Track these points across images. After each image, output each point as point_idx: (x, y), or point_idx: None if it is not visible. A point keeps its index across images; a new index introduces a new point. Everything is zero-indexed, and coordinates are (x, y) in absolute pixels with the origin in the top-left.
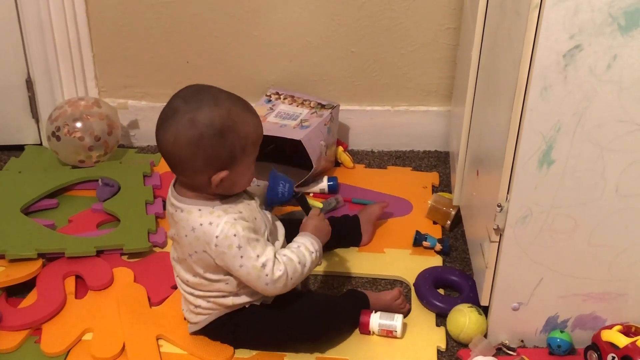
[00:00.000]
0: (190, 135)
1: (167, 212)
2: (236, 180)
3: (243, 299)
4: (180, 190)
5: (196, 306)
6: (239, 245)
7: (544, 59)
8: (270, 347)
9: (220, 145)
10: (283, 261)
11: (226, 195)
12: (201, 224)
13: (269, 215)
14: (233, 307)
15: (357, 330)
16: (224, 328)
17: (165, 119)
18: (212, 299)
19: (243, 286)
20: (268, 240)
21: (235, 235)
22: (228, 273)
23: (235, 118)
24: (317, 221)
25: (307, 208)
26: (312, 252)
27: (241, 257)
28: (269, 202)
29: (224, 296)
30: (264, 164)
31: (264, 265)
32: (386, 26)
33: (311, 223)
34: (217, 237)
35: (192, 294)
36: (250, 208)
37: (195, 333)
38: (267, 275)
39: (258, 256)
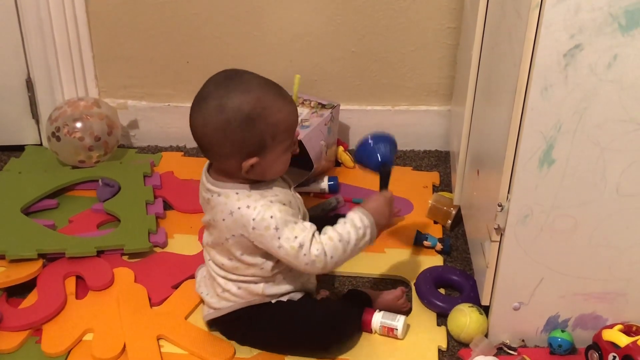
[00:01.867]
0: (218, 120)
1: (202, 197)
2: (267, 168)
3: (273, 289)
4: (216, 176)
5: (224, 290)
6: (276, 226)
7: (544, 59)
8: (276, 349)
9: (248, 132)
10: (321, 241)
11: (260, 181)
12: (239, 208)
13: (302, 200)
14: (262, 298)
15: None
16: (238, 322)
17: (197, 103)
18: (244, 285)
19: (276, 272)
20: None
21: (272, 217)
22: (265, 256)
23: (265, 105)
24: (380, 202)
25: (384, 185)
26: (360, 228)
27: (279, 238)
28: (357, 158)
29: (256, 282)
30: None
31: (301, 246)
32: (386, 26)
33: (374, 201)
34: (254, 219)
35: (225, 278)
36: (285, 192)
37: (210, 322)
38: (304, 255)
39: (296, 237)
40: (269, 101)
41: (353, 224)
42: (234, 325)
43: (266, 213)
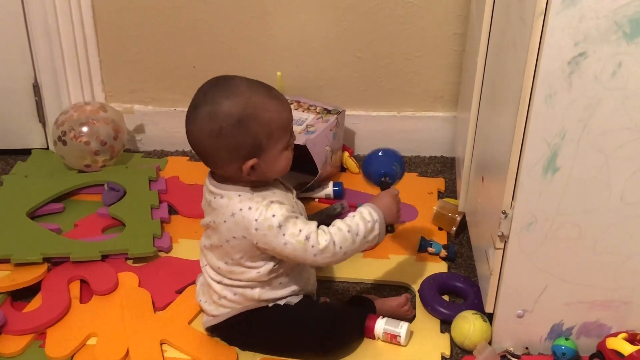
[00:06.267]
0: (210, 128)
1: (204, 199)
2: (269, 167)
3: (269, 294)
4: (219, 178)
5: (221, 297)
6: (279, 224)
7: (548, 66)
8: (277, 353)
9: (241, 135)
10: (329, 231)
11: (264, 183)
12: (241, 209)
13: (304, 207)
14: (258, 303)
15: None
16: (237, 327)
17: (189, 112)
18: (240, 290)
19: (273, 277)
20: None
21: (274, 215)
22: (265, 259)
23: (255, 105)
24: (389, 198)
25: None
26: (369, 222)
27: (283, 234)
28: (363, 169)
29: (252, 287)
30: None
31: (307, 238)
32: (392, 32)
33: (383, 198)
34: (256, 220)
35: (220, 283)
36: (287, 197)
37: (209, 328)
38: (312, 246)
39: (300, 230)
40: (258, 102)
41: (362, 217)
42: (233, 331)
43: (267, 213)
